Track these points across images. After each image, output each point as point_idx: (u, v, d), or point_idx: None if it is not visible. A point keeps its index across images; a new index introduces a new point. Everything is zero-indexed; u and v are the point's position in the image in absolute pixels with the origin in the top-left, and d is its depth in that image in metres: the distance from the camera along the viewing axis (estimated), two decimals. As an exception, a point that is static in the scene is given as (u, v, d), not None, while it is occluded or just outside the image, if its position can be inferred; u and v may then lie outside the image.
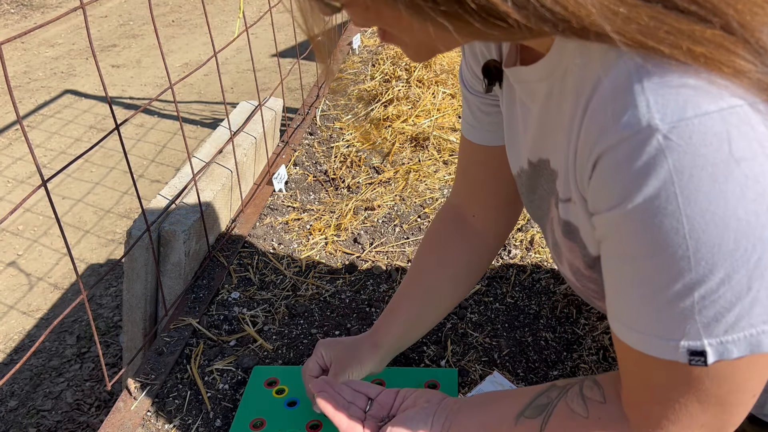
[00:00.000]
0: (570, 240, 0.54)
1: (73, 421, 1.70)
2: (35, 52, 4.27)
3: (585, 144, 0.44)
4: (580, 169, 0.46)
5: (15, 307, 2.12)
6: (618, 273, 0.45)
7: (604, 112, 0.41)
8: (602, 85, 0.41)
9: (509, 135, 0.63)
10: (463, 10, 0.37)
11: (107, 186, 2.79)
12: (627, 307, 0.45)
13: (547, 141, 0.54)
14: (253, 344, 1.00)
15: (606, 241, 0.45)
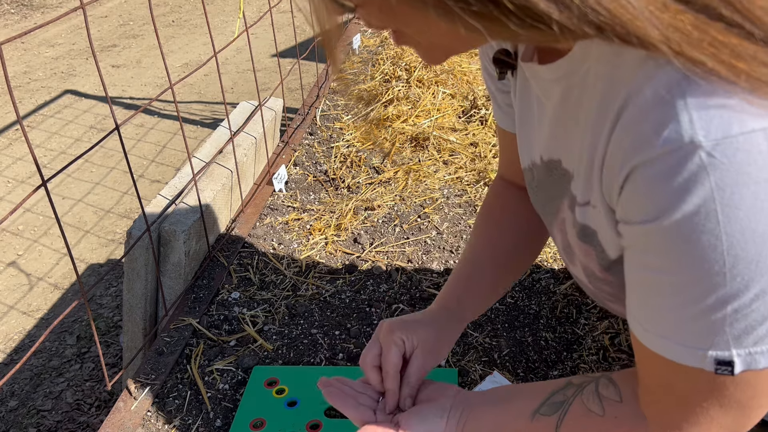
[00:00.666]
0: (586, 243, 0.54)
1: (73, 421, 1.70)
2: (35, 52, 4.27)
3: (617, 153, 0.43)
4: (608, 177, 0.45)
5: (15, 307, 2.12)
6: (647, 283, 0.45)
7: (641, 124, 0.40)
8: (640, 96, 0.40)
9: (522, 126, 0.63)
10: (500, 12, 0.36)
11: (107, 186, 2.79)
12: (653, 315, 0.45)
13: (560, 141, 0.53)
14: (253, 344, 1.00)
15: (635, 251, 0.45)
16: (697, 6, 0.36)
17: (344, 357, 0.97)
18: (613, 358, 0.92)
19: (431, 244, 1.20)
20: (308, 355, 0.97)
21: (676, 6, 0.36)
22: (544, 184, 0.59)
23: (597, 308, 1.02)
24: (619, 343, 0.95)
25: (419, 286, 1.10)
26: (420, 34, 0.44)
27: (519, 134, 0.64)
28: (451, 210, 1.30)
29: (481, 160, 1.45)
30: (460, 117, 1.63)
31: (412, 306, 1.05)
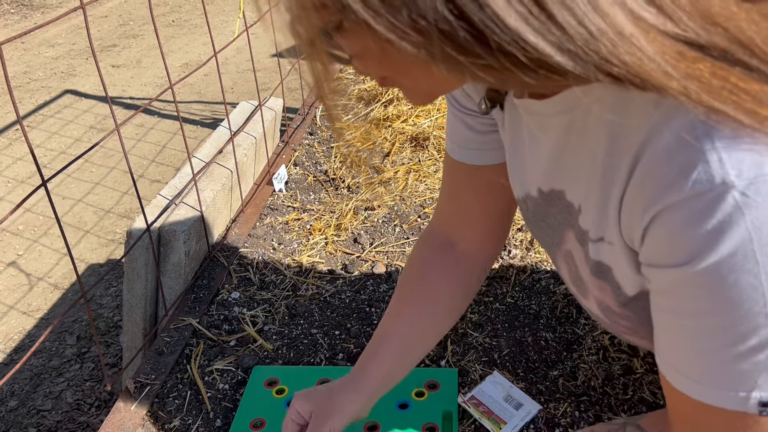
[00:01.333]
0: (600, 279, 0.53)
1: (73, 421, 1.70)
2: (35, 52, 4.27)
3: (638, 197, 0.42)
4: (628, 220, 0.45)
5: (15, 307, 2.12)
6: (679, 326, 0.44)
7: (665, 167, 0.39)
8: (660, 138, 0.39)
9: (513, 159, 0.61)
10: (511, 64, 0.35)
11: (107, 186, 2.79)
12: (688, 358, 0.44)
13: (562, 173, 0.52)
14: (253, 344, 1.00)
15: (664, 294, 0.44)
16: (715, 52, 0.35)
17: (344, 357, 0.97)
18: (613, 357, 0.92)
19: (431, 244, 1.20)
20: (308, 355, 0.97)
21: (693, 54, 0.35)
22: (545, 214, 0.58)
23: (597, 308, 1.02)
24: (619, 343, 0.95)
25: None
26: (415, 82, 0.43)
27: (510, 166, 0.63)
28: (451, 210, 1.30)
29: (481, 160, 1.45)
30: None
31: (412, 306, 1.05)
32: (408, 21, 0.34)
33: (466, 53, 0.35)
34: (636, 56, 0.34)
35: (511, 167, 0.63)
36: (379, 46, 0.38)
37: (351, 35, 0.39)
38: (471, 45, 0.34)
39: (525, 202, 0.62)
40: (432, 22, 0.34)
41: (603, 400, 0.86)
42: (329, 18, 0.37)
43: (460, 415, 0.85)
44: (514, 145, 0.60)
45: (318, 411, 0.70)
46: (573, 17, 0.33)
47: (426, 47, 0.35)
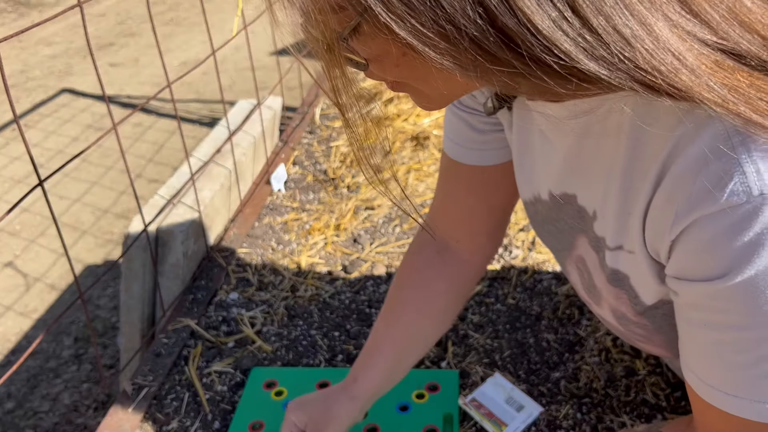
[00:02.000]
0: (617, 287, 0.52)
1: (70, 423, 1.69)
2: (32, 51, 4.25)
3: (666, 207, 0.41)
4: (653, 230, 0.43)
5: (12, 308, 2.10)
6: (711, 339, 0.43)
7: (697, 176, 0.38)
8: (692, 147, 0.38)
9: (521, 161, 0.60)
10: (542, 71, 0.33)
11: (105, 186, 2.78)
12: (717, 371, 0.43)
13: (576, 177, 0.51)
14: (251, 345, 0.99)
15: (694, 308, 0.43)
16: (753, 62, 0.34)
17: (344, 358, 0.96)
18: (615, 359, 0.92)
19: (431, 244, 1.19)
20: (307, 356, 0.97)
21: (731, 63, 0.34)
22: (555, 218, 0.57)
23: (599, 309, 1.02)
24: (622, 344, 0.94)
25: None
26: (433, 87, 0.41)
27: (518, 168, 0.61)
28: (452, 210, 1.29)
29: (482, 160, 1.44)
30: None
31: (412, 307, 1.04)
32: (434, 26, 0.32)
33: (495, 60, 0.33)
34: (673, 65, 0.32)
35: (518, 169, 0.61)
36: (400, 51, 0.37)
37: (369, 39, 0.37)
38: (501, 52, 0.33)
39: (534, 205, 0.60)
40: (460, 27, 0.32)
41: (605, 402, 0.86)
42: (348, 21, 0.35)
43: (460, 417, 0.84)
44: (522, 146, 0.59)
45: (314, 421, 0.69)
46: (608, 23, 0.31)
47: (452, 53, 0.33)
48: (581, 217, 0.52)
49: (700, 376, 0.45)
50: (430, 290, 0.73)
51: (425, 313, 0.73)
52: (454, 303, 0.75)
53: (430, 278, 0.73)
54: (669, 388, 0.87)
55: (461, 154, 0.67)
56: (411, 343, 0.73)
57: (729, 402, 0.43)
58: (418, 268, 0.74)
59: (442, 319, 0.75)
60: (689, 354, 0.46)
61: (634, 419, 0.83)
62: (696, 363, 0.45)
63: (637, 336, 0.56)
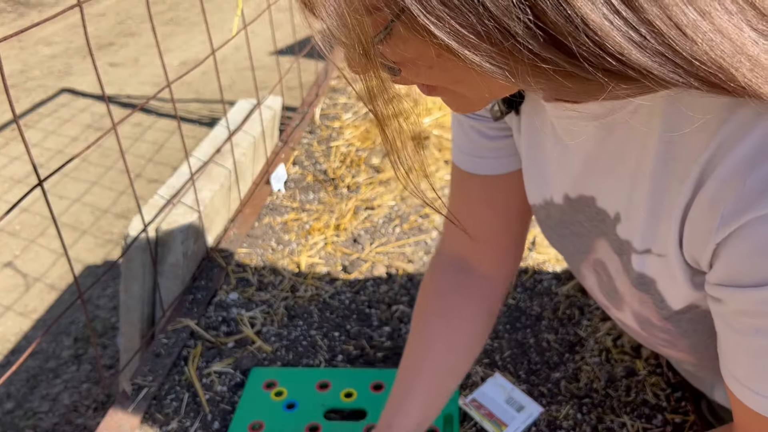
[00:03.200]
0: (642, 291, 0.50)
1: (70, 423, 1.68)
2: (32, 51, 4.25)
3: (709, 209, 0.39)
4: (694, 233, 0.42)
5: (12, 308, 2.10)
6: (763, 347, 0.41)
7: (750, 176, 0.37)
8: (742, 144, 0.37)
9: (532, 164, 0.58)
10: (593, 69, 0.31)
11: (104, 186, 2.78)
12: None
13: (595, 180, 0.50)
14: (251, 346, 0.99)
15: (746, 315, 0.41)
16: None
17: (344, 359, 0.96)
18: (616, 359, 0.92)
19: (431, 244, 1.19)
20: (307, 356, 0.96)
21: None
22: (570, 221, 0.55)
23: (599, 309, 1.02)
24: (622, 345, 0.94)
25: (419, 286, 1.09)
26: (471, 89, 0.39)
27: (527, 172, 0.59)
28: (452, 210, 1.29)
29: (482, 160, 1.44)
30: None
31: (411, 307, 1.04)
32: (475, 26, 0.30)
33: (540, 60, 0.31)
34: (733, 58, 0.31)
35: (528, 172, 0.59)
36: (435, 53, 0.34)
37: (403, 42, 0.34)
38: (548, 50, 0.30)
39: (545, 209, 0.58)
40: (504, 26, 0.30)
41: (605, 402, 0.85)
42: (382, 24, 0.33)
43: (461, 417, 0.84)
44: (533, 150, 0.57)
45: None
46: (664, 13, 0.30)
47: (493, 55, 0.31)
48: (601, 219, 0.51)
49: (747, 385, 0.43)
50: (456, 316, 0.69)
51: (455, 342, 0.68)
52: (483, 325, 0.70)
53: (455, 303, 0.69)
54: (669, 388, 0.87)
55: (473, 165, 0.64)
56: (443, 379, 0.68)
57: None
58: (440, 294, 0.70)
59: (473, 344, 0.70)
60: (734, 362, 0.44)
61: (634, 419, 0.83)
62: (743, 371, 0.44)
63: (660, 341, 0.55)
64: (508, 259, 0.71)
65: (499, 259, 0.71)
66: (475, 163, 0.64)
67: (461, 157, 0.65)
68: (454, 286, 0.70)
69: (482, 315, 0.70)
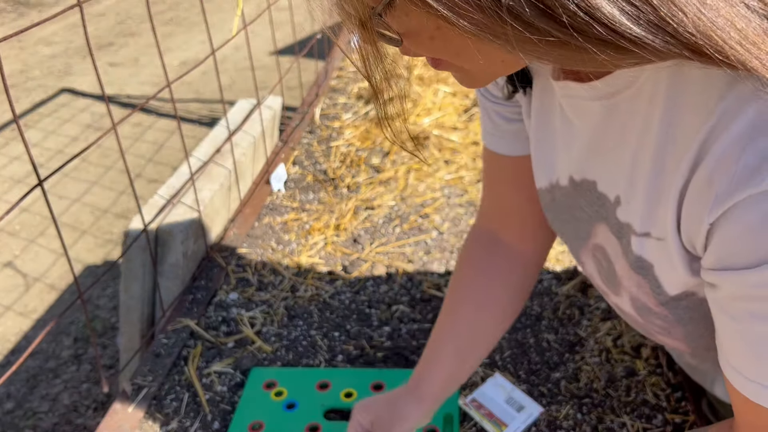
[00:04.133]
0: (640, 275, 0.50)
1: (69, 423, 1.68)
2: (32, 51, 4.25)
3: (705, 188, 0.39)
4: (691, 214, 0.41)
5: (11, 308, 2.10)
6: (758, 332, 0.40)
7: (743, 154, 0.36)
8: (738, 121, 0.36)
9: (539, 146, 0.59)
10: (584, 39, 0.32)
11: (104, 186, 2.78)
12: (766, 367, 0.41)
13: (597, 163, 0.50)
14: (251, 346, 0.99)
15: (742, 300, 0.41)
16: None
17: (344, 359, 0.96)
18: (616, 359, 0.92)
19: (431, 244, 1.19)
20: (307, 356, 0.96)
21: None
22: (572, 205, 0.56)
23: (599, 309, 1.02)
24: (622, 345, 0.94)
25: (419, 286, 1.09)
26: (471, 63, 0.40)
27: (535, 154, 0.60)
28: (452, 210, 1.29)
29: (482, 160, 1.44)
30: (461, 116, 1.62)
31: (411, 307, 1.04)
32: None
33: (534, 30, 0.32)
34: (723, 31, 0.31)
35: (536, 154, 0.60)
36: (434, 25, 0.36)
37: (403, 13, 0.36)
38: (540, 20, 0.31)
39: (551, 192, 0.59)
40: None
41: (605, 402, 0.85)
42: None
43: (461, 417, 0.84)
44: (541, 130, 0.57)
45: (381, 421, 0.69)
46: None
47: (488, 25, 0.32)
48: (601, 204, 0.51)
49: (743, 373, 0.43)
50: (488, 287, 0.72)
51: (484, 308, 0.72)
52: (512, 296, 0.73)
53: (485, 273, 0.72)
54: (669, 388, 0.87)
55: (497, 144, 0.67)
56: (473, 341, 0.72)
57: None
58: (472, 264, 0.74)
59: (502, 313, 0.73)
60: (730, 350, 0.43)
61: (634, 419, 0.83)
62: (739, 358, 0.43)
63: (655, 327, 0.54)
64: (537, 234, 0.73)
65: (526, 234, 0.73)
66: (498, 143, 0.67)
67: (487, 136, 0.68)
68: (485, 257, 0.73)
69: (511, 286, 0.73)
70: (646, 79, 0.42)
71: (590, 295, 1.04)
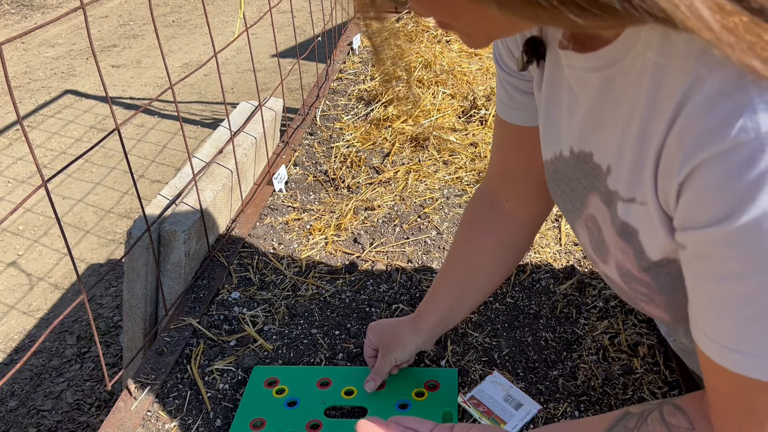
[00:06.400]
0: (624, 241, 0.51)
1: (73, 421, 1.70)
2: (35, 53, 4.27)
3: (676, 150, 0.40)
4: (664, 176, 0.43)
5: (15, 307, 2.12)
6: (718, 292, 0.41)
7: (707, 116, 0.37)
8: (705, 87, 0.38)
9: (547, 117, 0.61)
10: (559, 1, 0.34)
11: (108, 186, 2.79)
12: (728, 328, 0.41)
13: (594, 134, 0.52)
14: (253, 344, 1.00)
15: (701, 258, 0.41)
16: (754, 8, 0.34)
17: (344, 357, 0.97)
18: (613, 357, 0.92)
19: (431, 244, 1.20)
20: (308, 355, 0.97)
21: (732, 7, 0.34)
22: (571, 177, 0.57)
23: (597, 308, 1.02)
24: (619, 343, 0.95)
25: (419, 286, 1.10)
26: (470, 25, 0.43)
27: (543, 125, 0.62)
28: (451, 210, 1.30)
29: (481, 160, 1.45)
30: (460, 117, 1.64)
31: (411, 306, 1.05)
32: None
33: None
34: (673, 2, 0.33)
35: (544, 126, 0.62)
36: None
37: None
38: None
39: (554, 163, 0.61)
40: None
41: (603, 400, 0.86)
42: None
43: (459, 415, 0.85)
44: (550, 102, 0.59)
45: (383, 342, 0.86)
46: None
47: None
48: (595, 175, 0.52)
49: (707, 334, 0.43)
50: (480, 243, 0.81)
51: (477, 263, 0.81)
52: (503, 257, 0.81)
53: (483, 232, 0.81)
54: (666, 386, 0.87)
55: (508, 114, 0.71)
56: (466, 289, 0.83)
57: (736, 360, 0.41)
58: (471, 222, 0.82)
59: (493, 271, 0.82)
60: (697, 312, 0.44)
61: (631, 417, 0.84)
62: (703, 320, 0.44)
63: (639, 295, 0.55)
64: (532, 203, 0.79)
65: (522, 202, 0.79)
66: (508, 112, 0.71)
67: (499, 105, 0.72)
68: (482, 218, 0.81)
69: (502, 248, 0.81)
70: (638, 52, 0.43)
71: (587, 294, 1.05)
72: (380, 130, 1.59)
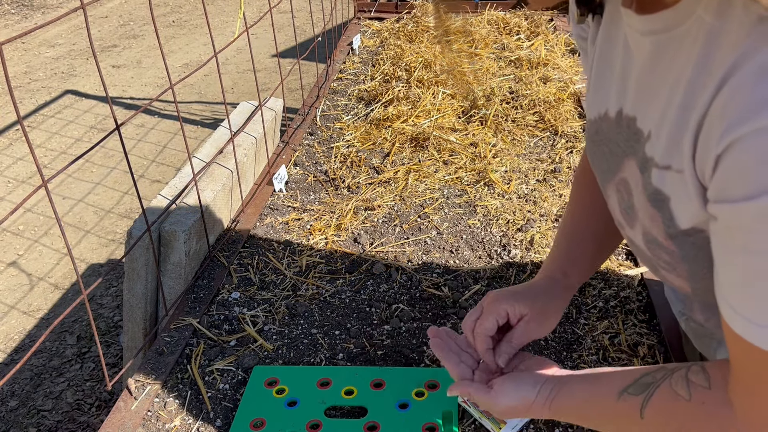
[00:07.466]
0: (655, 208, 0.52)
1: (73, 421, 1.70)
2: (36, 53, 4.27)
3: (718, 119, 0.39)
4: (704, 145, 0.42)
5: (15, 307, 2.12)
6: (746, 266, 0.41)
7: (757, 86, 0.36)
8: (755, 59, 0.37)
9: (598, 76, 0.60)
10: None
11: (108, 186, 2.80)
12: (753, 302, 0.41)
13: (640, 99, 0.51)
14: (253, 344, 1.00)
15: (735, 231, 0.41)
16: None
17: (344, 357, 0.97)
18: (613, 357, 0.92)
19: (431, 244, 1.20)
20: (308, 355, 0.98)
21: None
22: (611, 139, 0.57)
23: (597, 308, 1.03)
24: (619, 343, 0.95)
25: (419, 286, 1.10)
26: None
27: (594, 83, 0.61)
28: (451, 210, 1.30)
29: (481, 161, 1.45)
30: (460, 117, 1.64)
31: (411, 306, 1.05)
32: None
33: None
34: None
35: (594, 84, 0.61)
36: None
37: None
38: None
39: (598, 123, 0.60)
40: None
41: (602, 400, 0.86)
42: None
43: (460, 414, 0.85)
44: (602, 60, 0.59)
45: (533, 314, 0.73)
46: None
47: None
48: (636, 140, 0.52)
49: (734, 307, 0.43)
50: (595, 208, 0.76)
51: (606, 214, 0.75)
52: None
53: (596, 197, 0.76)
54: (666, 386, 0.87)
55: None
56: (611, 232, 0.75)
57: (759, 333, 0.41)
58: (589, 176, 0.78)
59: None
60: (725, 284, 0.44)
61: (630, 417, 0.84)
62: (730, 291, 0.44)
63: (662, 263, 0.56)
64: None
65: None
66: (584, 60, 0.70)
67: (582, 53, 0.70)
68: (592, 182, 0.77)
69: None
70: (694, 20, 0.43)
71: (587, 294, 1.05)
72: (380, 130, 1.59)
